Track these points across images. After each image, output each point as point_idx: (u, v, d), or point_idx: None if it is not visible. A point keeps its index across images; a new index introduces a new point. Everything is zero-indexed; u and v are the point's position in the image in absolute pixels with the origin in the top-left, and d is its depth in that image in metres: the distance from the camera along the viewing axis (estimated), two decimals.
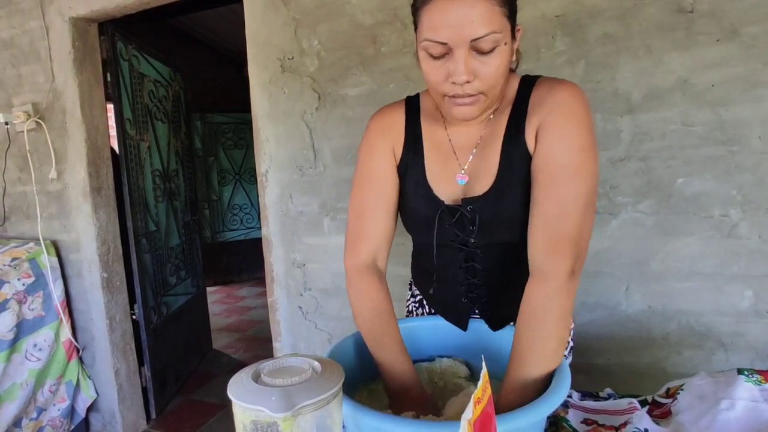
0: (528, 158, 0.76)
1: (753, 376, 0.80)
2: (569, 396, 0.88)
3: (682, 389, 0.84)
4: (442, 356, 0.93)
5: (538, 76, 0.80)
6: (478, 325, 0.92)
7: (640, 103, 1.31)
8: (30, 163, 2.22)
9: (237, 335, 3.69)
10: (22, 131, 2.19)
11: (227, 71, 4.91)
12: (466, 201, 0.80)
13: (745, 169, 1.23)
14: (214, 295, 4.76)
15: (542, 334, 0.70)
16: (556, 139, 0.73)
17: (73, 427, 2.30)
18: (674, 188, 1.30)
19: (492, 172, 0.79)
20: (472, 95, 0.71)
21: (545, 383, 0.68)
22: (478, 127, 0.82)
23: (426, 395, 0.80)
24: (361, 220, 0.86)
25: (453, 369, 0.90)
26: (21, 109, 2.18)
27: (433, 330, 0.95)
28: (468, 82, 0.69)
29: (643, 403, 0.84)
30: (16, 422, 2.06)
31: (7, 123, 2.20)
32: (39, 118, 2.18)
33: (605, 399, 0.91)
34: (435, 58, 0.69)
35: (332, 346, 0.83)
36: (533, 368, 0.69)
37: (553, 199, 0.71)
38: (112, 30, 2.20)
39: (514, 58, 0.75)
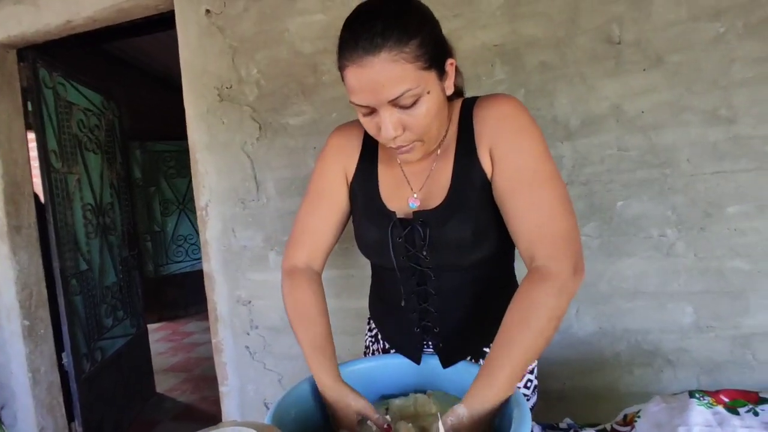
0: (482, 178, 0.76)
1: (704, 399, 0.81)
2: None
3: (638, 416, 0.84)
4: (406, 393, 0.88)
5: (477, 97, 0.82)
6: (432, 361, 0.89)
7: (578, 129, 1.34)
8: None
9: (183, 375, 3.45)
10: None
11: (167, 98, 4.73)
12: (418, 214, 0.80)
13: (678, 191, 1.28)
14: (158, 332, 4.46)
15: (536, 327, 0.68)
16: (516, 152, 0.74)
17: None
18: (615, 211, 1.33)
19: (444, 190, 0.79)
20: (406, 145, 0.74)
21: (517, 379, 0.68)
22: (429, 158, 0.82)
23: (349, 413, 0.77)
24: (301, 228, 0.90)
25: (424, 406, 0.86)
26: None
27: (386, 369, 0.90)
28: (397, 136, 0.71)
29: None
30: None
31: None
32: None
33: (566, 430, 0.89)
34: (365, 115, 0.72)
35: (284, 394, 0.77)
36: (517, 359, 0.67)
37: (535, 206, 0.72)
38: (33, 56, 2.05)
39: (450, 92, 0.75)
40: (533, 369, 0.97)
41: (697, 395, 0.82)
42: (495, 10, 1.37)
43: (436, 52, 0.69)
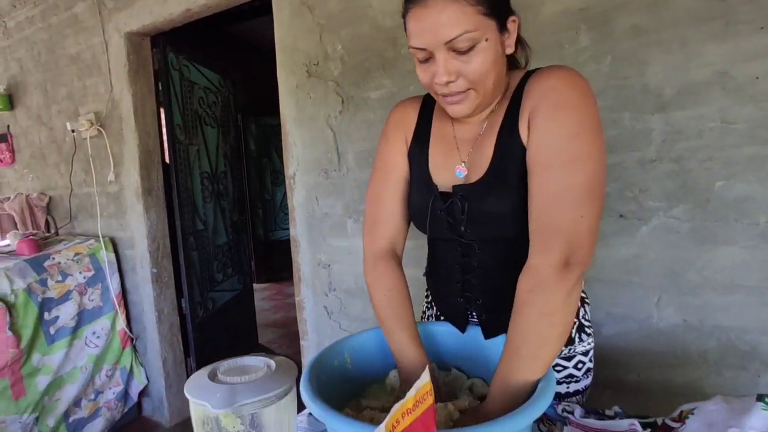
0: (522, 150, 0.75)
1: None
2: (570, 412, 0.83)
3: (692, 413, 0.77)
4: (441, 366, 0.92)
5: (537, 69, 0.79)
6: (475, 332, 0.90)
7: (672, 100, 1.20)
8: (92, 167, 2.44)
9: (282, 331, 3.82)
10: (86, 138, 2.41)
11: None
12: (457, 188, 0.81)
13: None
14: (264, 291, 4.95)
15: (523, 329, 0.69)
16: (545, 128, 0.71)
17: (126, 409, 2.49)
18: (712, 192, 1.18)
19: (485, 164, 0.79)
20: (459, 93, 0.73)
21: (529, 386, 0.67)
22: (480, 122, 0.83)
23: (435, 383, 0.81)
24: (378, 207, 0.91)
25: (459, 382, 0.89)
26: (85, 117, 2.40)
27: (429, 336, 0.93)
28: (451, 81, 0.72)
29: (647, 426, 0.78)
30: (76, 402, 2.27)
31: (73, 131, 2.43)
32: (100, 126, 2.38)
33: (611, 418, 0.85)
34: (422, 62, 0.74)
35: (323, 349, 0.86)
36: (514, 367, 0.68)
37: (543, 190, 0.70)
38: (163, 42, 2.36)
39: (510, 50, 0.75)
40: (588, 351, 0.94)
41: (766, 399, 0.72)
42: None
43: (497, 2, 0.70)
